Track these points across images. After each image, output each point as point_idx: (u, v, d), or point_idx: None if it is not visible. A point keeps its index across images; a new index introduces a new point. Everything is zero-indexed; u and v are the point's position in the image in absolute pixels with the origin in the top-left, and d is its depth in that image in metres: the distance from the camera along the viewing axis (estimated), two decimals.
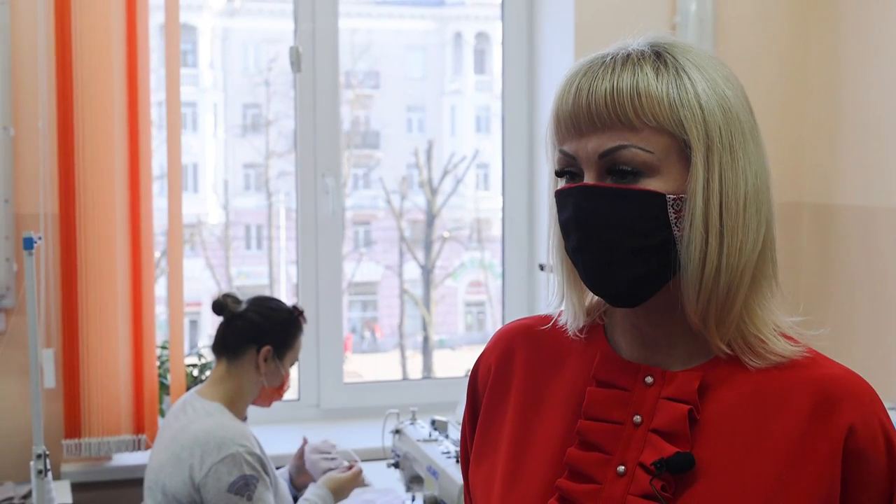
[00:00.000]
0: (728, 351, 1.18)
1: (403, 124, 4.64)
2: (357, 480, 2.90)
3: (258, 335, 2.82)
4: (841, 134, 3.55)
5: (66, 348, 3.14)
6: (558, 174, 1.20)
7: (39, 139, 3.13)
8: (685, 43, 1.20)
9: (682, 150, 1.14)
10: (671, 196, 1.14)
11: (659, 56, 1.16)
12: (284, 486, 2.87)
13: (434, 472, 2.59)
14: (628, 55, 1.16)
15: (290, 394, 3.59)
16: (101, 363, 3.15)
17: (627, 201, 1.14)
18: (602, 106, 1.13)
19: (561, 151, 1.19)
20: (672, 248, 1.15)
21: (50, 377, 3.16)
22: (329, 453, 3.00)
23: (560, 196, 1.19)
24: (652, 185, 1.14)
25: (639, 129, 1.13)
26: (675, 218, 1.14)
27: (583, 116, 1.15)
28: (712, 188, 1.14)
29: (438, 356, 4.56)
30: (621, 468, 1.17)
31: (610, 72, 1.15)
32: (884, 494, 1.15)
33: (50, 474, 2.55)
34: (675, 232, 1.15)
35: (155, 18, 3.28)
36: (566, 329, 1.28)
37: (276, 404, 2.99)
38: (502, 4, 3.79)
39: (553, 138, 1.20)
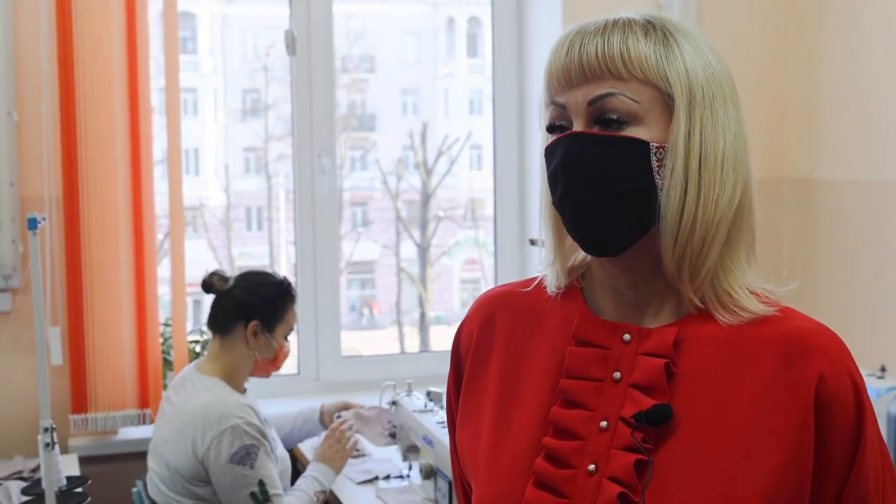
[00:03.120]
0: (700, 305, 1.22)
1: (398, 107, 4.66)
2: (348, 449, 2.94)
3: (244, 311, 2.86)
4: (822, 111, 3.58)
5: (71, 326, 3.20)
6: (549, 130, 1.24)
7: (43, 123, 3.18)
8: (677, 21, 1.25)
9: (667, 104, 1.19)
10: (654, 144, 1.18)
11: (649, 23, 1.21)
12: (285, 454, 2.93)
13: (430, 442, 2.63)
14: (619, 19, 1.21)
15: (290, 368, 3.67)
16: (106, 340, 3.21)
17: (613, 147, 1.18)
18: (593, 58, 1.18)
19: (553, 103, 1.23)
20: (653, 195, 1.19)
21: (57, 354, 3.22)
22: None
23: (549, 149, 1.23)
24: (637, 133, 1.18)
25: (626, 79, 1.18)
26: (658, 166, 1.19)
27: (574, 68, 1.19)
28: (693, 140, 1.18)
29: (435, 332, 4.58)
30: (604, 423, 1.20)
31: (602, 30, 1.20)
32: (852, 439, 1.18)
33: (57, 448, 2.58)
34: (657, 180, 1.19)
35: (155, 6, 3.32)
36: (546, 291, 1.32)
37: (276, 378, 3.03)
38: None
39: (546, 94, 1.24)
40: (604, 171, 1.18)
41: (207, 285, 2.91)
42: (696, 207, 1.18)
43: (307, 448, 3.21)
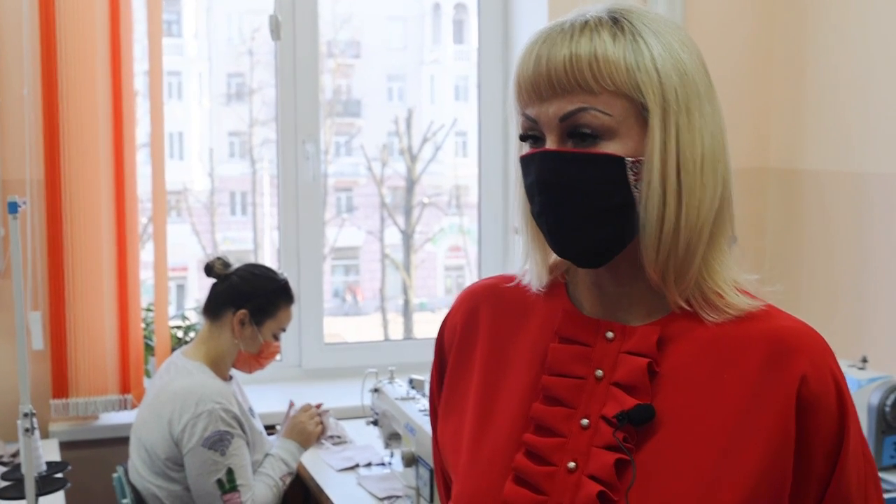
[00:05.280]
0: (686, 307, 1.21)
1: (384, 93, 4.65)
2: (314, 419, 2.95)
3: (236, 299, 2.87)
4: (806, 101, 3.59)
5: (52, 311, 3.18)
6: (522, 138, 1.22)
7: (24, 106, 3.15)
8: (642, 9, 1.22)
9: (640, 113, 1.16)
10: (630, 159, 1.16)
11: (616, 22, 1.18)
12: (267, 445, 2.94)
13: (411, 430, 2.63)
14: (586, 22, 1.18)
15: None
16: (88, 325, 3.19)
17: (588, 165, 1.16)
18: (561, 72, 1.16)
19: (524, 115, 1.21)
20: (633, 209, 1.17)
21: (38, 339, 3.20)
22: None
23: (524, 161, 1.22)
24: (611, 148, 1.16)
25: (597, 93, 1.15)
26: (635, 180, 1.17)
27: (543, 82, 1.17)
28: (669, 149, 1.16)
29: (419, 318, 4.59)
30: (585, 421, 1.20)
31: (569, 38, 1.17)
32: (834, 440, 1.18)
33: (38, 433, 2.57)
34: (635, 193, 1.17)
35: None
36: (530, 287, 1.31)
37: None
38: None
39: (516, 103, 1.22)
40: (580, 189, 1.17)
41: (209, 268, 2.92)
42: (676, 217, 1.17)
43: None
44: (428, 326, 4.43)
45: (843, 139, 3.43)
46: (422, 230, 4.56)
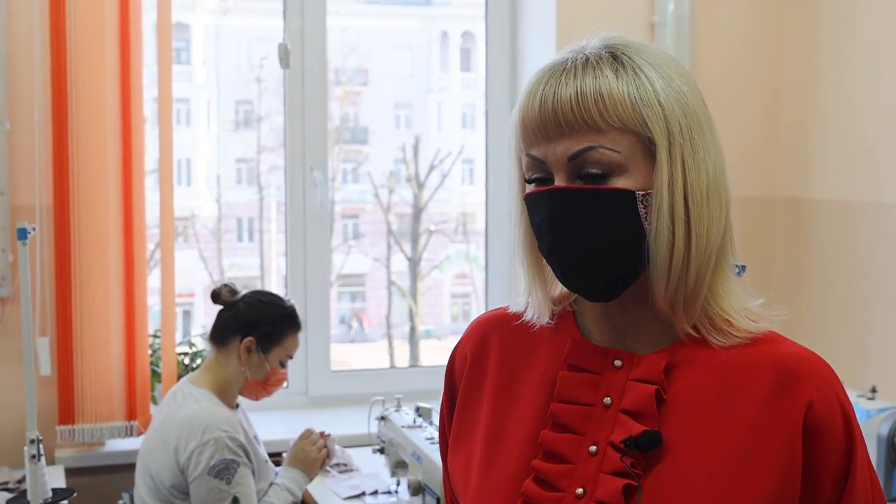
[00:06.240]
0: (694, 334, 1.22)
1: (391, 120, 4.67)
2: (316, 445, 2.92)
3: (243, 326, 2.86)
4: (814, 130, 3.60)
5: (60, 337, 3.18)
6: (528, 180, 1.23)
7: (35, 132, 3.17)
8: (636, 41, 1.24)
9: (647, 147, 1.18)
10: (640, 192, 1.17)
11: (615, 58, 1.19)
12: (272, 474, 2.92)
13: (418, 458, 2.63)
14: (587, 59, 1.19)
15: None
16: (95, 351, 3.19)
17: (599, 201, 1.17)
18: (568, 111, 1.17)
19: (529, 156, 1.21)
20: (643, 241, 1.19)
21: (45, 365, 3.19)
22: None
23: (531, 199, 1.22)
24: (620, 183, 1.17)
25: (605, 130, 1.16)
26: (645, 213, 1.18)
27: (550, 122, 1.18)
28: (676, 181, 1.17)
29: (425, 346, 4.58)
30: (593, 448, 1.21)
31: (572, 76, 1.18)
32: (842, 466, 1.19)
33: (44, 459, 2.58)
34: (645, 226, 1.18)
35: (149, 16, 3.31)
36: (534, 323, 1.32)
37: None
38: (486, 4, 3.85)
39: (520, 143, 1.23)
40: (592, 225, 1.18)
41: (216, 295, 2.92)
42: (685, 247, 1.18)
43: None
44: (434, 354, 4.42)
45: (850, 169, 3.43)
46: (428, 257, 4.56)
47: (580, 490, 1.20)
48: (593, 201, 1.18)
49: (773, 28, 3.72)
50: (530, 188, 1.23)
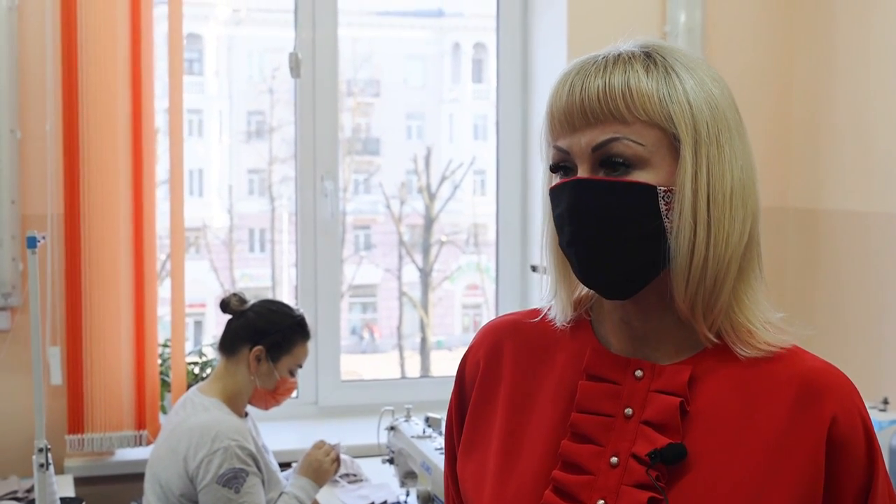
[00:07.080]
0: (716, 340, 1.21)
1: (403, 131, 4.68)
2: (329, 456, 2.90)
3: (253, 335, 2.86)
4: (826, 140, 3.59)
5: (69, 346, 3.18)
6: (553, 169, 1.22)
7: (46, 142, 3.17)
8: (673, 45, 1.24)
9: (672, 144, 1.17)
10: (662, 188, 1.17)
11: (649, 56, 1.19)
12: (282, 483, 2.92)
13: (428, 468, 2.61)
14: (619, 55, 1.19)
15: None
16: (105, 361, 3.18)
17: (620, 193, 1.17)
18: (595, 101, 1.16)
19: (555, 147, 1.21)
20: (663, 239, 1.18)
21: (56, 374, 3.20)
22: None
23: (554, 192, 1.22)
24: (643, 177, 1.17)
25: (630, 122, 1.16)
26: (666, 209, 1.17)
27: (576, 112, 1.18)
28: (700, 180, 1.17)
29: (436, 357, 4.59)
30: (614, 459, 1.20)
31: (602, 70, 1.18)
32: (863, 480, 1.19)
33: (53, 468, 2.56)
34: (666, 223, 1.17)
35: (161, 27, 3.32)
36: (554, 323, 1.31)
37: None
38: (497, 16, 3.85)
39: (548, 135, 1.23)
40: (612, 217, 1.17)
41: (225, 304, 2.92)
42: (705, 248, 1.17)
43: None
44: (445, 364, 4.42)
45: (863, 179, 3.42)
46: (439, 268, 4.57)
47: (601, 502, 1.19)
48: (614, 193, 1.17)
49: (785, 38, 3.72)
50: (555, 181, 1.23)
